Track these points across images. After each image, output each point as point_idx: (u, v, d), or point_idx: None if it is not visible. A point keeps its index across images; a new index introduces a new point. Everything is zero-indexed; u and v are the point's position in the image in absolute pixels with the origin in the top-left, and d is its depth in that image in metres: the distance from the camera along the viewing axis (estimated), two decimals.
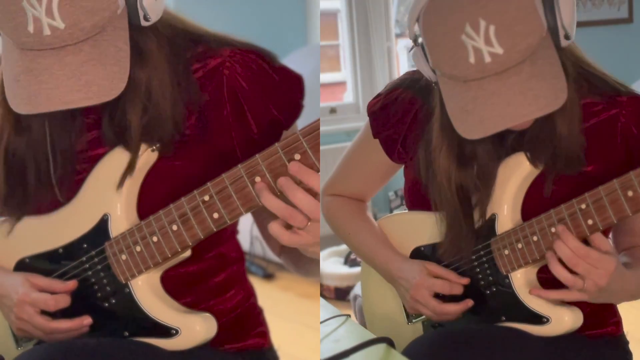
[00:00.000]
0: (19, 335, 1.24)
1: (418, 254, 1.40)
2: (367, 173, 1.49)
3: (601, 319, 1.35)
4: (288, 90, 1.21)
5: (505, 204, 1.26)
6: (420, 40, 1.16)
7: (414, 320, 1.43)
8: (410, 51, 1.20)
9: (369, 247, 1.45)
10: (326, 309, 1.39)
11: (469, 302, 1.32)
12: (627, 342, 1.40)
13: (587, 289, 1.16)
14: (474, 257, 1.31)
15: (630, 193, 1.12)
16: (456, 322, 1.36)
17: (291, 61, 1.45)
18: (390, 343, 1.19)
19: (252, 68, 1.19)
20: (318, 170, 1.04)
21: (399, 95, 1.37)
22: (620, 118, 1.24)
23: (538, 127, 1.21)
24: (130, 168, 1.14)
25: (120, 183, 1.15)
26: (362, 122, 1.47)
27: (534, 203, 1.26)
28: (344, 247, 3.88)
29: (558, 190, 1.24)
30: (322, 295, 3.58)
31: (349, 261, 3.76)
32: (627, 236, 1.32)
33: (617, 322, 1.39)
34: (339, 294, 3.58)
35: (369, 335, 1.27)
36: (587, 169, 1.24)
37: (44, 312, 1.17)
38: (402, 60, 4.60)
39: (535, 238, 1.22)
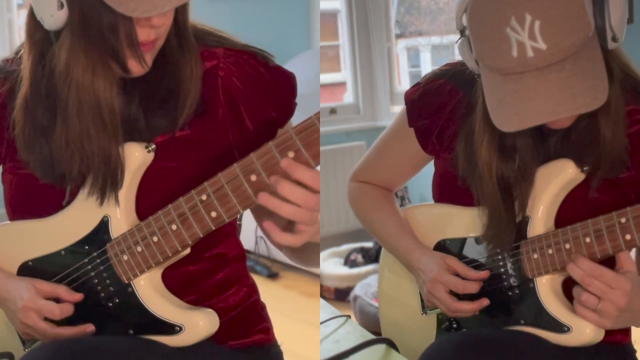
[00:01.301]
0: (24, 338, 1.24)
1: (441, 247, 1.38)
2: (397, 162, 1.48)
3: None
4: (281, 88, 1.22)
5: (541, 207, 1.25)
6: (467, 32, 1.17)
7: (428, 312, 1.41)
8: (457, 42, 1.21)
9: (392, 236, 1.44)
10: (326, 309, 1.40)
11: (484, 302, 1.30)
12: (634, 351, 1.38)
13: (604, 309, 1.16)
14: (499, 256, 1.30)
15: None
16: (472, 320, 1.35)
17: (294, 64, 1.45)
18: (390, 344, 1.20)
19: (245, 68, 1.20)
20: (315, 166, 1.04)
21: (439, 86, 1.36)
22: None
23: (584, 129, 1.20)
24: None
25: (119, 184, 1.15)
26: (362, 122, 1.48)
27: (570, 208, 1.25)
28: (344, 248, 3.88)
29: (597, 197, 1.23)
30: (322, 296, 3.58)
31: (348, 262, 3.76)
32: None
33: (626, 331, 1.36)
34: (339, 295, 3.58)
35: (369, 336, 1.27)
36: (628, 174, 1.23)
37: (47, 318, 1.17)
38: (402, 61, 4.60)
39: (567, 246, 1.20)
